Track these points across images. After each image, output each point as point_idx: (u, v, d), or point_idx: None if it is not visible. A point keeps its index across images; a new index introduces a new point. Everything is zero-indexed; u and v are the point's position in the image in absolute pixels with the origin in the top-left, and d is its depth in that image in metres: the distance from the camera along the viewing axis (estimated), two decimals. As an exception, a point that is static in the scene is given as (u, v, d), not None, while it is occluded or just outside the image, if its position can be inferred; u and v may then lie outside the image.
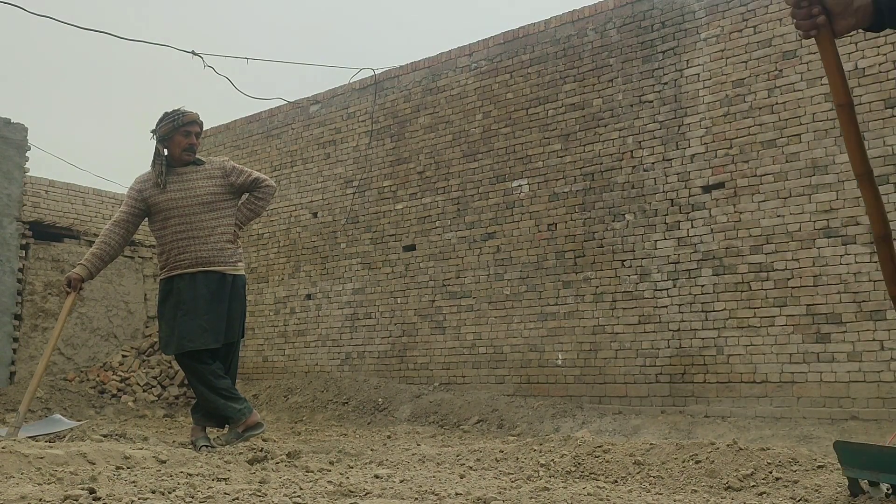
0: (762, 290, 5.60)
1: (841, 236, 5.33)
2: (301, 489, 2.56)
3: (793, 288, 5.47)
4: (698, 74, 6.13)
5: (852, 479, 2.44)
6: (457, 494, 2.57)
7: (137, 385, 8.91)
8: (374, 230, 8.14)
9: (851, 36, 5.31)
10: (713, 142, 5.98)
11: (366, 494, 2.53)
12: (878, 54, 5.32)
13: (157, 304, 4.55)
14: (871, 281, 5.17)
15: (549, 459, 3.39)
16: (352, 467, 3.41)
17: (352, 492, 2.54)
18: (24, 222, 8.82)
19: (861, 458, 2.42)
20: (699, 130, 6.06)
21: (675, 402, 5.87)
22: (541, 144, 6.95)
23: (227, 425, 4.23)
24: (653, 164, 6.26)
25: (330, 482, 2.75)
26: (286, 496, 2.39)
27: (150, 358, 9.37)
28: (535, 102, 7.05)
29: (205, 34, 37.49)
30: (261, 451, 3.56)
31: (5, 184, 8.56)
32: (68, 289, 4.32)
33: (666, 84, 6.28)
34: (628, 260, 6.29)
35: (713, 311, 5.80)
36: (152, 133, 4.39)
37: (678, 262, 6.02)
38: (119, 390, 8.80)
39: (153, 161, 4.35)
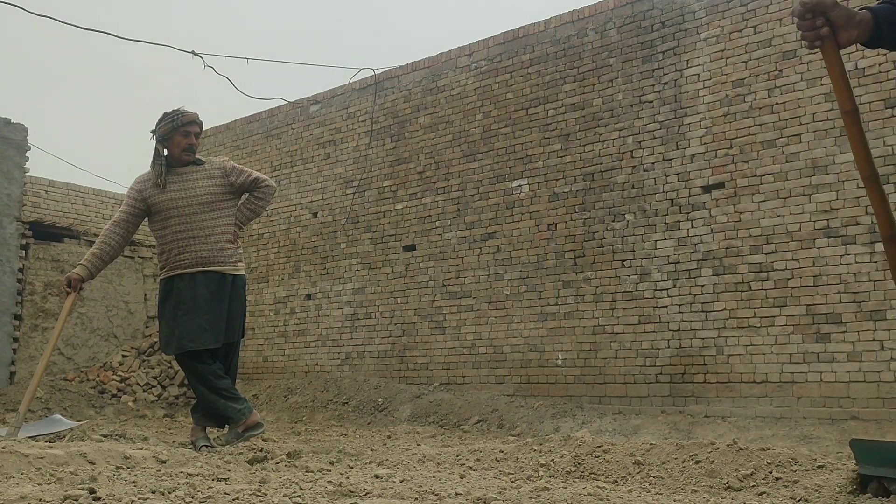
0: (762, 290, 5.61)
1: (841, 236, 5.33)
2: (301, 489, 2.56)
3: (793, 288, 5.47)
4: (698, 74, 6.13)
5: (865, 477, 2.44)
6: (457, 494, 2.57)
7: (137, 385, 8.91)
8: (374, 230, 8.14)
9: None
10: (713, 142, 5.98)
11: (366, 494, 2.53)
12: (878, 54, 5.32)
13: (157, 305, 4.55)
14: (871, 281, 5.17)
15: (549, 459, 3.39)
16: (352, 467, 3.41)
17: (352, 492, 2.54)
18: (24, 222, 8.82)
19: (878, 455, 2.41)
20: (699, 130, 6.06)
21: (675, 402, 5.87)
22: (541, 144, 6.95)
23: (227, 425, 4.23)
24: (653, 164, 6.26)
25: (330, 482, 2.75)
26: (286, 496, 2.39)
27: (150, 358, 9.37)
28: (535, 102, 7.05)
29: (205, 34, 37.51)
30: (261, 451, 3.56)
31: (5, 184, 8.56)
32: (68, 289, 4.33)
33: (666, 84, 6.28)
34: (628, 260, 6.29)
35: (713, 311, 5.81)
36: (152, 133, 4.40)
37: (678, 262, 6.02)
38: (119, 390, 8.80)
39: (153, 161, 4.36)
